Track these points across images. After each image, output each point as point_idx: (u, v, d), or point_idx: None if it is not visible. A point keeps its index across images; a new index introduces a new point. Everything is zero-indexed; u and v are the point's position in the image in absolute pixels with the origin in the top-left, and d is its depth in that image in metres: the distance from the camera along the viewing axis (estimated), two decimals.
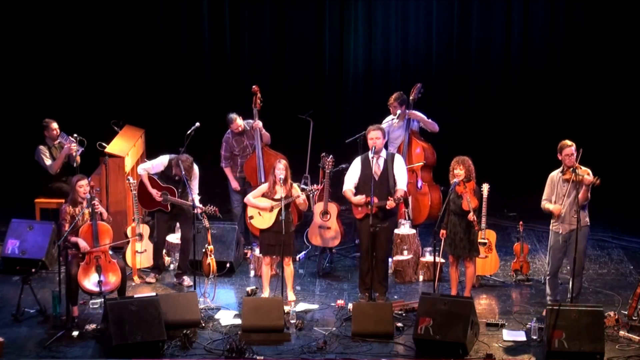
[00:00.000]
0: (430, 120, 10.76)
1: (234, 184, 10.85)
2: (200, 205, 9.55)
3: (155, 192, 9.76)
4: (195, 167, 9.82)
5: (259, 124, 10.67)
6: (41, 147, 10.96)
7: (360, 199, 9.13)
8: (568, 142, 8.82)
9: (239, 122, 10.71)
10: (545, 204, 8.95)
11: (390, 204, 8.99)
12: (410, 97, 10.73)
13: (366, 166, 9.23)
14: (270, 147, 10.88)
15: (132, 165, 11.12)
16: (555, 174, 8.96)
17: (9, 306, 9.23)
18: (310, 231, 10.09)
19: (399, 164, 9.28)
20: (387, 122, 10.56)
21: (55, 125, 10.96)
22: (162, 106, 13.23)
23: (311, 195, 9.87)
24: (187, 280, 9.85)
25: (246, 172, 10.82)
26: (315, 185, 9.74)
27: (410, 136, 10.72)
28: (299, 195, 9.26)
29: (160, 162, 9.89)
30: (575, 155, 8.74)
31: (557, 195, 8.87)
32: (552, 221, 8.97)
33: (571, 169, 8.71)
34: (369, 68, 13.26)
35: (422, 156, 10.68)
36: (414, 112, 10.68)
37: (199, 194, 9.77)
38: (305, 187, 10.19)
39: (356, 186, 9.26)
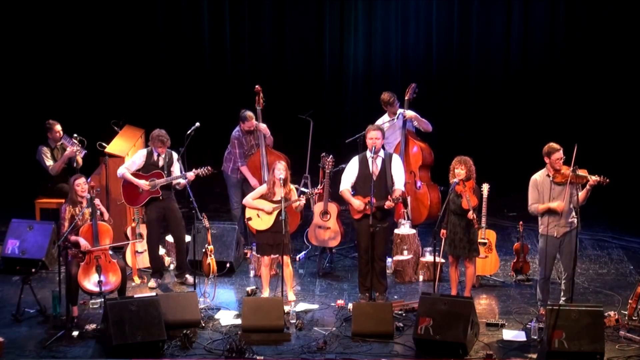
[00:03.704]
0: (424, 120, 10.75)
1: (253, 181, 10.67)
2: (192, 172, 9.55)
3: (142, 183, 9.68)
4: (175, 154, 9.79)
5: (264, 127, 10.65)
6: (43, 147, 10.96)
7: (360, 204, 9.10)
8: (555, 145, 8.65)
9: (254, 120, 10.71)
10: (539, 206, 8.74)
11: (388, 204, 8.97)
12: (406, 97, 10.72)
13: (364, 166, 9.21)
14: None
15: None
16: (538, 177, 8.77)
17: (9, 306, 9.24)
18: (310, 231, 10.09)
19: (397, 163, 9.26)
20: (381, 123, 10.53)
21: (59, 127, 10.97)
22: (162, 106, 13.23)
23: (311, 198, 9.86)
24: (190, 278, 9.82)
25: (249, 170, 10.80)
26: (315, 188, 9.72)
27: (407, 136, 10.72)
28: (298, 200, 9.25)
29: (139, 154, 9.84)
30: (563, 158, 8.63)
31: (548, 198, 8.69)
32: (541, 225, 8.84)
33: (571, 169, 8.62)
34: (369, 68, 13.25)
35: (419, 156, 10.68)
36: (408, 111, 10.68)
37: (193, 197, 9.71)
38: (305, 190, 10.17)
39: (353, 186, 9.25)
